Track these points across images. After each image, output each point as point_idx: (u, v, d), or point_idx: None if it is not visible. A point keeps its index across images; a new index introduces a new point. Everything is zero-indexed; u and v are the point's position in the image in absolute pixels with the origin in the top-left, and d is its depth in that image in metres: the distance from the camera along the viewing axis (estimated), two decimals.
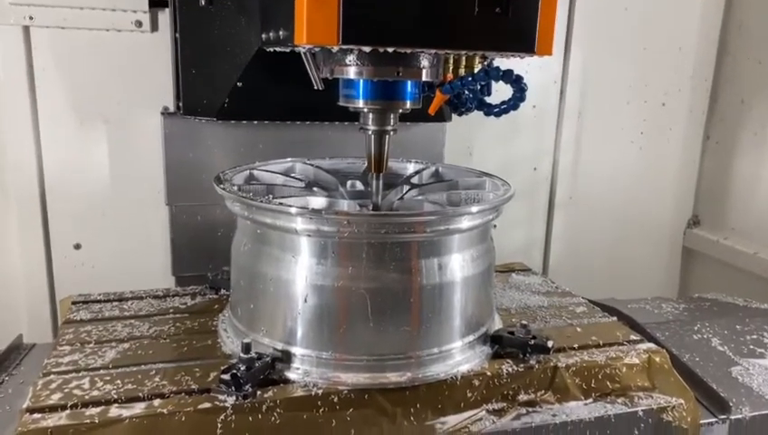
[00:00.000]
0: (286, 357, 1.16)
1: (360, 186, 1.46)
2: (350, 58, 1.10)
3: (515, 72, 1.16)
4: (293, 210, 1.09)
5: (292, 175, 1.51)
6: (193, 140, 1.67)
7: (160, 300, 1.50)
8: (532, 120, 2.15)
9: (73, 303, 1.46)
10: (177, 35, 1.58)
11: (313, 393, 1.10)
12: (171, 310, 1.44)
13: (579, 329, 1.42)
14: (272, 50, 1.34)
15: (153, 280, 1.72)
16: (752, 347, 1.54)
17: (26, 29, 1.65)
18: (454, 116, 1.63)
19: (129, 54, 1.72)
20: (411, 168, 1.58)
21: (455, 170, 1.55)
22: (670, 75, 2.27)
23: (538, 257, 2.29)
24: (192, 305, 1.47)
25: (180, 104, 1.62)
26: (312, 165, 1.53)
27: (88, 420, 1.00)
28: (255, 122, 1.67)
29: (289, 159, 1.55)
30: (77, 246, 1.81)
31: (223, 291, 1.52)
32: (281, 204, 1.12)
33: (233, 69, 1.55)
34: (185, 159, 1.68)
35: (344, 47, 0.97)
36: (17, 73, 1.66)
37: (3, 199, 1.74)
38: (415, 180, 1.47)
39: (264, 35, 1.41)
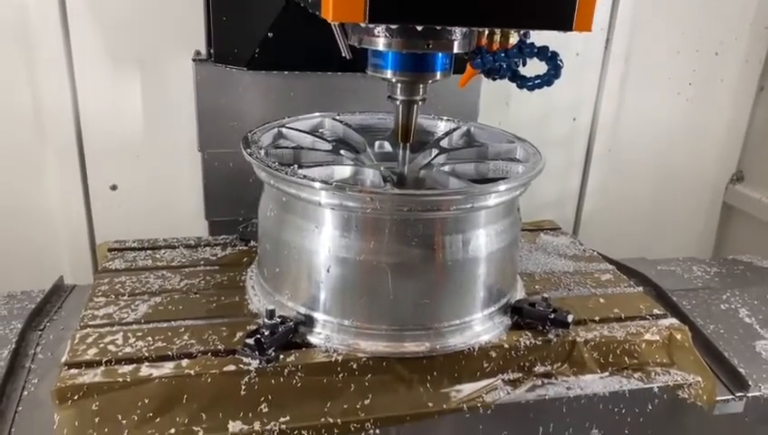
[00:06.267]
0: (309, 321, 1.19)
1: (388, 147, 1.44)
2: (379, 29, 1.06)
3: (551, 49, 1.10)
4: (317, 184, 1.09)
5: (321, 131, 1.50)
6: (225, 87, 1.66)
7: (192, 250, 1.54)
8: (574, 68, 2.06)
9: (109, 250, 1.52)
10: None
11: (333, 359, 1.14)
12: (202, 262, 1.48)
13: (602, 299, 1.41)
14: None
15: (187, 222, 1.77)
16: None
17: None
18: None
19: None
20: (442, 126, 1.55)
21: (486, 132, 1.51)
22: (728, 22, 2.13)
23: (571, 211, 2.26)
24: (222, 257, 1.51)
25: (212, 51, 1.61)
26: (341, 121, 1.52)
27: (120, 379, 1.06)
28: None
29: (318, 114, 1.53)
30: (113, 187, 1.86)
31: (252, 242, 1.55)
32: (305, 176, 1.11)
33: (264, 19, 1.51)
34: (217, 106, 1.67)
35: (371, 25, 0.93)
36: (51, 16, 1.66)
37: (41, 141, 1.78)
38: (444, 143, 1.44)
39: None
